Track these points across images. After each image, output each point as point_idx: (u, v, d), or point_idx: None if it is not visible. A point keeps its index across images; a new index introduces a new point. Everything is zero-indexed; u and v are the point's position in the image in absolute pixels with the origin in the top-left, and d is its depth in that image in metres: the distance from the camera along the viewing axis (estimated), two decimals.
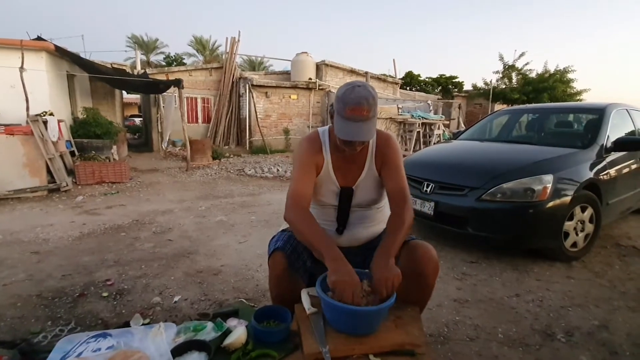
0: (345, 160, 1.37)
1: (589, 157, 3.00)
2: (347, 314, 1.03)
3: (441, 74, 20.84)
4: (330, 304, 1.03)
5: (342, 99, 1.19)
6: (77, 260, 2.65)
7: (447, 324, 1.90)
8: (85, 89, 8.91)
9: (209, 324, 1.05)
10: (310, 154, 1.36)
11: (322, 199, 1.40)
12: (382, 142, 1.39)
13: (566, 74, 14.90)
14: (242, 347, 0.99)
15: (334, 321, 1.08)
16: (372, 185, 1.40)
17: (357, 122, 1.17)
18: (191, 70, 11.66)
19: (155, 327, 0.95)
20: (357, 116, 1.16)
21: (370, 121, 1.19)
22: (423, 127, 10.96)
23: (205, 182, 6.19)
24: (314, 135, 1.42)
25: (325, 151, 1.37)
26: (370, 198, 1.41)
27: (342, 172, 1.38)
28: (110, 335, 0.97)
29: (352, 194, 1.39)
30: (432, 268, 1.27)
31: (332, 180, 1.37)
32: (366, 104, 1.16)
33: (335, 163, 1.37)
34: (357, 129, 1.17)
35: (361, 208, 1.41)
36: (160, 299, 2.10)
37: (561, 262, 2.74)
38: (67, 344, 0.98)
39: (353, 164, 1.38)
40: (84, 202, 4.55)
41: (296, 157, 1.39)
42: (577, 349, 1.71)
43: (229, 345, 0.98)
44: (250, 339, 1.03)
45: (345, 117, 1.17)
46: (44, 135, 5.11)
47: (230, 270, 2.54)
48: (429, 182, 3.03)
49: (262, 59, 24.36)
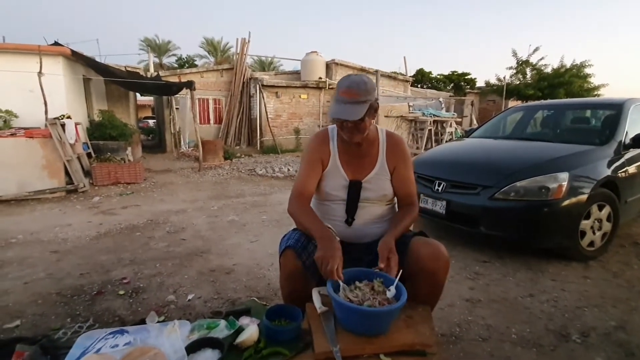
0: (355, 155, 1.41)
1: (607, 154, 2.93)
2: (358, 314, 1.03)
3: (453, 71, 20.56)
4: (341, 304, 1.04)
5: (339, 85, 1.31)
6: (94, 259, 2.72)
7: (459, 324, 1.88)
8: (101, 91, 9.13)
9: (222, 321, 1.07)
10: (317, 149, 1.43)
11: (331, 192, 1.43)
12: (393, 144, 1.46)
13: (583, 68, 14.52)
14: (254, 345, 1.01)
15: (345, 321, 1.08)
16: (383, 182, 1.42)
17: (346, 103, 1.25)
18: (202, 72, 11.82)
19: (170, 324, 0.98)
20: (346, 97, 1.25)
21: (359, 105, 1.25)
22: (435, 125, 10.85)
23: (217, 182, 6.27)
24: (323, 131, 1.49)
25: (332, 145, 1.43)
26: (380, 194, 1.43)
27: (352, 166, 1.42)
28: (128, 332, 1.00)
29: (361, 188, 1.42)
30: (442, 266, 1.27)
31: (340, 173, 1.41)
32: (355, 87, 1.25)
33: (343, 157, 1.42)
34: (345, 109, 1.25)
35: (370, 203, 1.43)
36: (174, 297, 2.14)
37: (577, 261, 2.68)
38: (86, 340, 1.02)
39: (363, 159, 1.42)
40: (100, 203, 4.67)
41: (304, 153, 1.48)
42: (592, 350, 1.68)
43: (241, 343, 1.00)
44: (262, 337, 1.05)
45: (337, 100, 1.28)
46: (62, 137, 5.26)
47: (242, 269, 2.57)
48: (441, 180, 3.00)
49: (272, 59, 24.52)
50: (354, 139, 1.34)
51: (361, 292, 1.14)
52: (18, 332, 1.77)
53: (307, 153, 1.45)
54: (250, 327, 1.05)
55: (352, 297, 1.11)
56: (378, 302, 1.10)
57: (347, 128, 1.31)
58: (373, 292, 1.15)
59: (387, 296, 1.13)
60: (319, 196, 1.49)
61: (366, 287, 1.17)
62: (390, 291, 1.14)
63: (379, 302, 1.10)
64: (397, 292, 1.14)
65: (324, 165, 1.42)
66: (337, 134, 1.43)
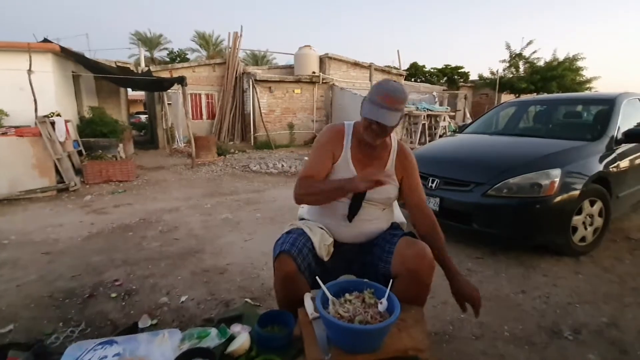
0: (367, 155, 1.44)
1: (599, 149, 2.95)
2: (348, 333, 0.99)
3: (446, 65, 20.50)
4: (330, 322, 0.99)
5: (377, 88, 1.31)
6: (86, 261, 2.69)
7: (452, 322, 1.89)
8: (91, 88, 8.98)
9: (212, 330, 1.06)
10: (330, 141, 1.43)
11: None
12: (403, 154, 1.50)
13: (575, 61, 14.57)
14: (245, 353, 1.00)
15: (336, 339, 1.04)
16: (389, 187, 1.42)
17: (384, 108, 1.26)
18: (194, 67, 11.66)
19: (160, 334, 0.96)
20: (386, 103, 1.26)
21: (396, 112, 1.28)
22: (428, 119, 10.84)
23: (210, 179, 6.22)
24: (339, 125, 1.49)
25: (346, 142, 1.44)
26: (384, 197, 1.44)
27: (362, 165, 1.43)
28: (117, 342, 0.99)
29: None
30: (427, 266, 1.27)
31: (350, 170, 1.41)
32: (397, 96, 1.27)
33: (355, 155, 1.43)
34: (383, 114, 1.26)
35: (373, 204, 1.44)
36: (167, 299, 2.13)
37: (569, 257, 2.71)
38: (76, 351, 1.00)
39: (374, 160, 1.45)
40: (92, 202, 4.61)
41: (316, 142, 1.48)
42: (585, 347, 1.70)
43: (232, 352, 0.99)
44: (253, 344, 1.04)
45: (375, 102, 1.28)
46: (52, 135, 5.18)
47: (236, 269, 2.56)
48: (434, 177, 3.00)
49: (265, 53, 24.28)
50: (376, 141, 1.36)
51: (352, 306, 1.10)
52: (11, 337, 1.75)
53: (319, 143, 1.45)
54: (241, 335, 1.04)
55: (343, 312, 1.06)
56: (370, 316, 1.05)
57: (374, 131, 1.32)
58: (364, 305, 1.11)
59: (379, 309, 1.09)
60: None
61: (357, 299, 1.13)
62: (382, 304, 1.10)
63: (371, 316, 1.05)
64: (389, 304, 1.10)
65: (334, 158, 1.42)
66: (353, 132, 1.44)
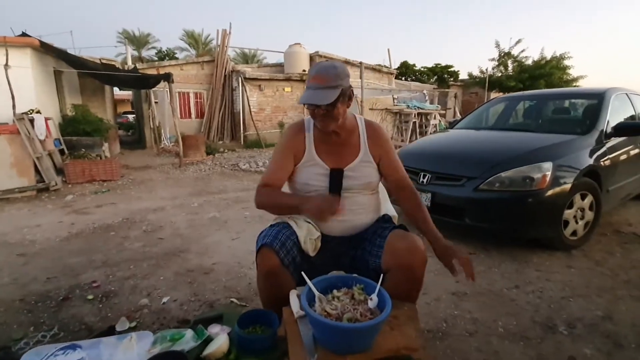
0: (334, 144, 1.36)
1: (589, 143, 2.93)
2: (336, 331, 0.91)
3: (437, 63, 20.64)
4: (316, 320, 0.91)
5: (309, 73, 1.28)
6: (63, 262, 2.56)
7: (446, 319, 1.83)
8: (74, 85, 8.73)
9: (188, 332, 0.97)
10: (290, 140, 1.38)
11: (310, 182, 1.36)
12: (373, 132, 1.42)
13: (562, 60, 14.79)
14: (224, 357, 0.91)
15: (323, 339, 0.96)
16: (368, 170, 1.38)
17: (316, 89, 1.22)
18: (182, 65, 11.46)
19: (127, 337, 0.87)
20: (316, 83, 1.22)
21: (330, 90, 1.21)
22: (419, 117, 10.87)
23: (198, 178, 6.08)
24: (299, 121, 1.44)
25: (307, 135, 1.37)
26: (364, 182, 1.37)
27: (332, 156, 1.36)
28: (80, 347, 0.89)
29: (343, 176, 1.35)
30: (419, 260, 1.21)
31: (319, 163, 1.35)
32: (325, 73, 1.22)
33: (320, 147, 1.37)
34: (314, 94, 1.22)
35: (354, 192, 1.36)
36: (148, 300, 2.02)
37: (561, 251, 2.68)
38: (34, 356, 0.90)
39: (343, 148, 1.37)
40: (73, 202, 4.44)
41: (276, 145, 1.44)
42: (580, 341, 1.65)
43: (208, 356, 0.90)
44: (233, 347, 0.95)
45: (308, 86, 1.25)
46: (31, 133, 4.98)
47: (222, 268, 2.46)
48: (425, 172, 2.95)
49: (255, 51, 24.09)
50: (328, 127, 1.29)
51: (340, 303, 1.02)
52: None
53: (280, 145, 1.41)
54: (219, 336, 0.95)
55: (330, 310, 0.98)
56: (360, 313, 0.98)
57: (319, 115, 1.27)
58: (353, 301, 1.04)
59: (369, 306, 1.01)
60: (296, 190, 1.41)
61: (345, 296, 1.06)
62: (373, 300, 1.03)
63: (361, 313, 0.98)
64: (379, 300, 1.02)
65: (297, 158, 1.37)
66: (315, 125, 1.37)
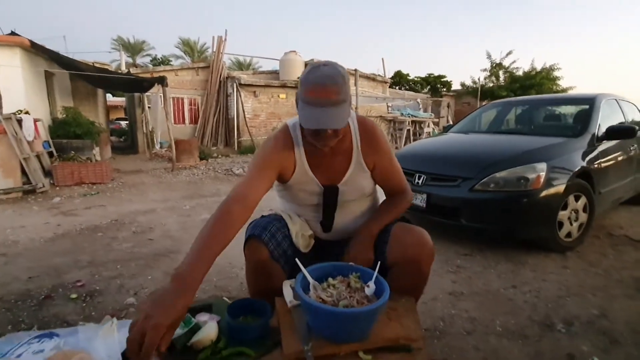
0: (325, 155, 1.15)
1: (581, 145, 2.95)
2: (332, 317, 0.86)
3: (430, 74, 20.99)
4: (311, 305, 0.87)
5: (304, 81, 0.99)
6: (47, 262, 2.46)
7: (443, 318, 1.79)
8: (66, 88, 8.63)
9: None
10: (276, 155, 1.13)
11: (303, 201, 1.25)
12: (367, 135, 1.19)
13: (552, 71, 15.13)
14: (212, 345, 0.86)
15: (318, 326, 0.91)
16: (361, 181, 1.23)
17: (322, 106, 0.95)
18: (177, 70, 11.45)
19: (107, 324, 0.81)
20: (322, 99, 0.95)
21: (340, 106, 0.98)
22: (413, 125, 10.96)
23: (191, 182, 6.00)
24: (283, 130, 1.18)
25: (297, 149, 1.15)
26: (359, 194, 1.25)
27: (323, 169, 1.18)
28: (58, 335, 0.83)
29: (337, 193, 1.21)
30: (427, 254, 1.14)
31: (312, 180, 1.18)
32: (332, 84, 0.95)
33: (312, 160, 1.17)
34: (323, 115, 0.96)
35: (349, 202, 1.26)
36: (134, 299, 1.94)
37: (556, 252, 2.67)
38: (5, 345, 0.84)
39: (335, 158, 1.18)
40: (60, 204, 4.33)
41: (257, 154, 1.16)
42: (577, 339, 1.62)
43: (196, 343, 0.85)
44: (222, 335, 0.90)
45: (308, 102, 0.97)
46: (18, 134, 4.88)
47: (213, 269, 2.34)
48: (421, 173, 2.93)
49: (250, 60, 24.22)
50: (329, 145, 1.08)
51: (336, 290, 0.98)
52: None
53: (261, 156, 1.13)
54: (208, 324, 0.89)
55: (325, 297, 0.94)
56: (356, 300, 0.94)
57: (325, 138, 1.03)
58: (349, 289, 0.99)
59: (366, 293, 0.97)
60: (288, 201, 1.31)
61: (341, 284, 1.01)
62: (370, 287, 0.98)
63: (357, 300, 0.94)
64: (377, 288, 0.98)
65: (285, 175, 1.17)
66: (303, 134, 1.14)
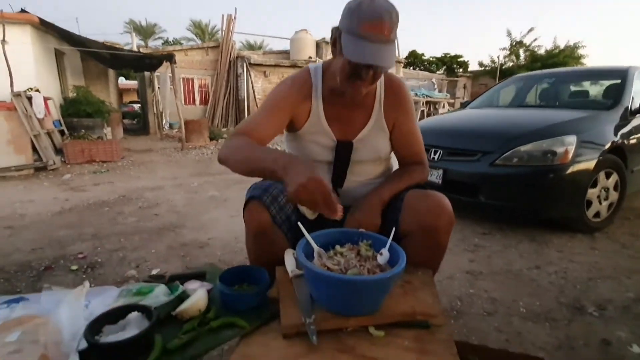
0: (344, 107, 1.08)
1: (613, 118, 2.72)
2: (339, 286, 0.74)
3: (446, 53, 20.23)
4: (315, 273, 0.75)
5: (356, 12, 0.88)
6: (51, 235, 2.42)
7: (461, 297, 1.66)
8: (77, 68, 8.60)
9: (159, 286, 0.81)
10: (291, 97, 1.05)
11: (313, 155, 1.12)
12: (393, 91, 1.11)
13: (576, 49, 14.34)
14: (200, 315, 0.75)
15: (322, 297, 0.79)
16: (377, 142, 1.13)
17: (376, 42, 0.86)
18: (187, 50, 11.28)
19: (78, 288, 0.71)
20: (377, 34, 0.86)
21: (392, 45, 0.90)
22: (427, 105, 10.61)
23: (200, 161, 5.94)
24: (303, 74, 1.09)
25: (315, 96, 1.07)
26: (372, 156, 1.14)
27: (340, 122, 1.10)
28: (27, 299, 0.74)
29: (351, 149, 1.11)
30: (445, 221, 0.99)
31: (326, 132, 1.09)
32: (389, 20, 0.87)
33: (329, 112, 1.08)
34: (377, 52, 0.87)
35: (361, 164, 1.14)
36: (135, 272, 1.87)
37: (582, 233, 2.49)
38: None
39: (353, 112, 1.10)
40: (70, 180, 4.32)
41: (269, 96, 1.08)
42: (612, 323, 1.47)
43: (181, 313, 0.74)
44: (213, 305, 0.79)
45: (361, 35, 0.87)
46: (28, 111, 4.86)
47: (218, 243, 2.31)
48: (437, 148, 2.75)
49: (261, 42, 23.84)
50: (363, 92, 0.98)
51: (344, 258, 0.85)
52: None
53: (275, 97, 1.06)
54: (197, 292, 0.78)
55: (332, 266, 0.82)
56: (367, 269, 0.81)
57: (363, 79, 0.93)
58: (359, 257, 0.86)
59: (379, 262, 0.84)
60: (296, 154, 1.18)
61: (350, 252, 0.88)
62: (383, 255, 0.85)
63: (368, 269, 0.81)
64: (391, 257, 0.85)
65: (298, 123, 1.09)
66: (324, 82, 1.07)
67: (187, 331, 0.69)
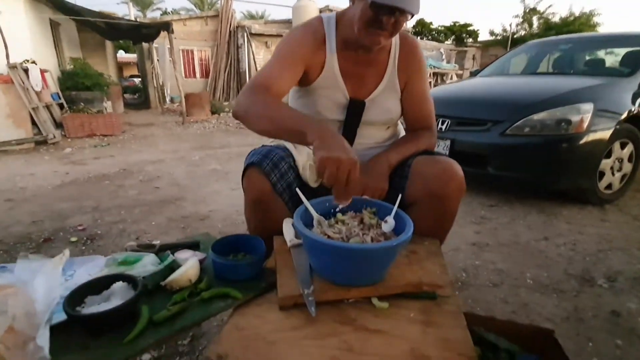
0: (357, 64, 1.02)
1: (632, 86, 2.56)
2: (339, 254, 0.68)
3: (455, 22, 19.38)
4: (313, 241, 0.69)
5: None
6: (51, 207, 2.40)
7: (466, 269, 1.62)
8: (74, 40, 8.37)
9: (148, 255, 0.77)
10: (304, 47, 0.97)
11: (324, 112, 1.05)
12: (407, 50, 1.06)
13: (592, 17, 13.66)
14: (190, 286, 0.70)
15: (321, 266, 0.74)
16: (390, 102, 1.07)
17: None
18: (185, 20, 10.91)
19: (57, 257, 0.66)
20: None
21: None
22: (434, 77, 10.28)
23: (201, 135, 5.85)
24: (315, 23, 1.02)
25: (329, 47, 0.99)
26: (384, 117, 1.07)
27: (353, 79, 1.03)
28: (7, 268, 0.70)
29: (363, 109, 1.04)
30: (456, 187, 0.93)
31: (340, 88, 1.03)
32: None
33: (343, 67, 1.01)
34: None
35: (370, 125, 1.08)
36: (135, 243, 1.84)
37: (593, 205, 2.41)
38: None
39: (368, 69, 1.04)
40: (71, 154, 4.28)
41: (281, 46, 1.00)
42: (622, 295, 1.43)
43: (170, 283, 0.69)
44: (205, 275, 0.74)
45: None
46: (25, 83, 4.75)
47: (219, 215, 2.28)
48: (445, 118, 2.64)
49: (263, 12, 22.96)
50: (382, 42, 0.92)
51: (345, 226, 0.78)
52: None
53: (287, 46, 0.98)
54: (188, 262, 0.73)
55: (332, 234, 0.75)
56: (371, 238, 0.75)
57: (384, 26, 0.87)
58: (363, 225, 0.80)
59: (384, 230, 0.78)
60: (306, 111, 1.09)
61: (353, 220, 0.82)
62: (388, 223, 0.79)
63: (372, 238, 0.75)
64: (397, 225, 0.79)
65: (310, 75, 1.01)
66: (338, 33, 1.00)
67: (176, 302, 0.65)
